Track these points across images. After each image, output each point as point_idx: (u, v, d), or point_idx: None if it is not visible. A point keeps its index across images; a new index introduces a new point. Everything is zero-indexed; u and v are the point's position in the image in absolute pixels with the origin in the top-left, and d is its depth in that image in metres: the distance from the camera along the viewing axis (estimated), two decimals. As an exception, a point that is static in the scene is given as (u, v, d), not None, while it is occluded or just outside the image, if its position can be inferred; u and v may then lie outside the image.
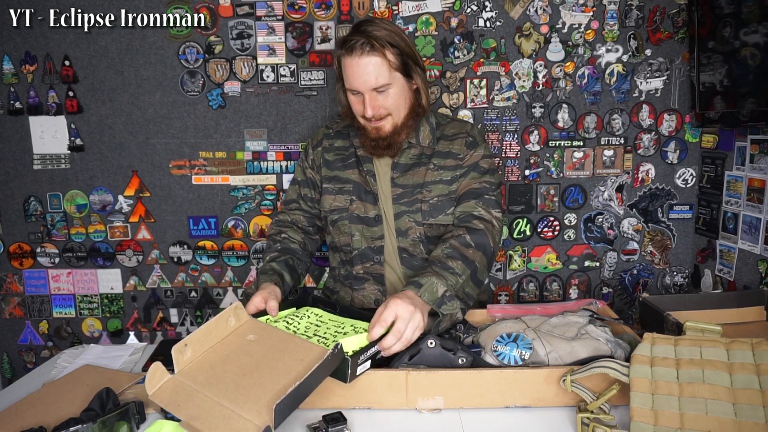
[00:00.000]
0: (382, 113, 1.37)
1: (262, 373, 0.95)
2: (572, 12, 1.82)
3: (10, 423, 1.03)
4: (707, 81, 1.69)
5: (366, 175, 1.46)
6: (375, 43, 1.31)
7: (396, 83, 1.36)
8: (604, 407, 0.98)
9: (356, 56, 1.32)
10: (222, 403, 0.89)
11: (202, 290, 2.02)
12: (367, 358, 1.04)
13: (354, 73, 1.33)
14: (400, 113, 1.40)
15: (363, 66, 1.32)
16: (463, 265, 1.24)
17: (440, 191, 1.41)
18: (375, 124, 1.39)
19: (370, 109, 1.35)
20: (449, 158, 1.44)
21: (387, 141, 1.40)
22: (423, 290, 1.15)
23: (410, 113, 1.42)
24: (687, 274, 1.98)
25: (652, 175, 1.92)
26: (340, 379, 1.00)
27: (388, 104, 1.37)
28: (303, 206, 1.56)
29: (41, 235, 1.97)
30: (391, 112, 1.38)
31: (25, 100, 1.88)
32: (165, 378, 0.93)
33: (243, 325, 1.09)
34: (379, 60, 1.32)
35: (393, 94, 1.36)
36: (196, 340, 1.00)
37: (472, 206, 1.37)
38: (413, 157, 1.46)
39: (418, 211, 1.41)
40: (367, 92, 1.35)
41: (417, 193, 1.42)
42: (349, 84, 1.36)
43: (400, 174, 1.45)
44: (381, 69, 1.33)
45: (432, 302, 1.15)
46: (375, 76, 1.33)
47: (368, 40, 1.31)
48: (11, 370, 2.06)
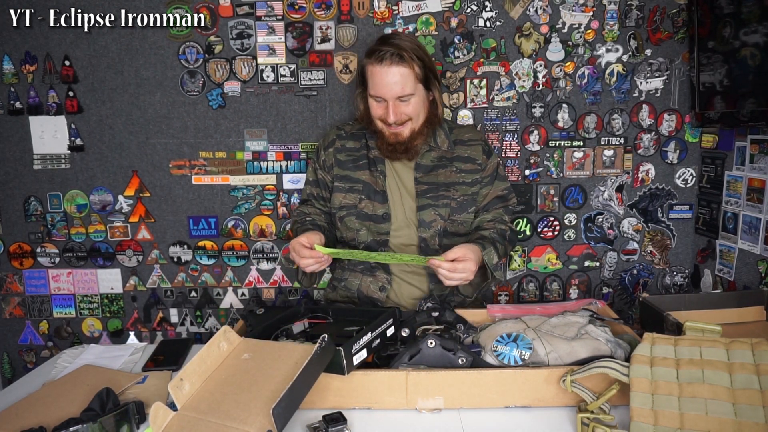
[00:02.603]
0: (403, 119, 1.47)
1: (260, 386, 0.95)
2: (572, 12, 1.82)
3: (10, 423, 1.03)
4: (707, 81, 1.69)
5: (378, 175, 1.55)
6: (405, 54, 1.42)
7: (418, 94, 1.47)
8: (604, 407, 0.98)
9: (386, 65, 1.42)
10: (225, 423, 0.89)
11: (202, 290, 2.02)
12: (362, 346, 1.04)
13: (382, 80, 1.43)
14: (419, 120, 1.51)
15: (392, 75, 1.42)
16: (504, 251, 1.49)
17: (464, 192, 1.54)
18: (395, 130, 1.49)
19: (393, 115, 1.46)
20: (469, 162, 1.57)
21: (404, 145, 1.50)
22: (486, 252, 1.39)
23: (426, 122, 1.53)
24: (687, 274, 1.98)
25: (652, 175, 1.92)
26: (338, 373, 1.00)
27: (409, 111, 1.47)
28: (316, 205, 1.65)
29: (41, 235, 1.97)
30: (411, 118, 1.48)
31: (25, 100, 1.88)
32: (169, 417, 0.93)
33: (237, 347, 1.09)
34: (407, 71, 1.43)
35: (414, 104, 1.47)
36: (191, 372, 1.00)
37: (500, 213, 1.58)
38: (434, 159, 1.56)
39: (445, 206, 1.52)
40: (392, 100, 1.45)
41: (443, 191, 1.53)
42: (375, 91, 1.46)
43: (423, 174, 1.55)
44: (408, 79, 1.43)
45: (489, 263, 1.39)
46: (402, 86, 1.43)
47: (398, 51, 1.42)
48: (11, 370, 2.06)
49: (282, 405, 0.86)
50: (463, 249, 1.33)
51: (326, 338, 0.96)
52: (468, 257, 1.32)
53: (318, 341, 0.96)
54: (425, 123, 1.52)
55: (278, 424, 0.85)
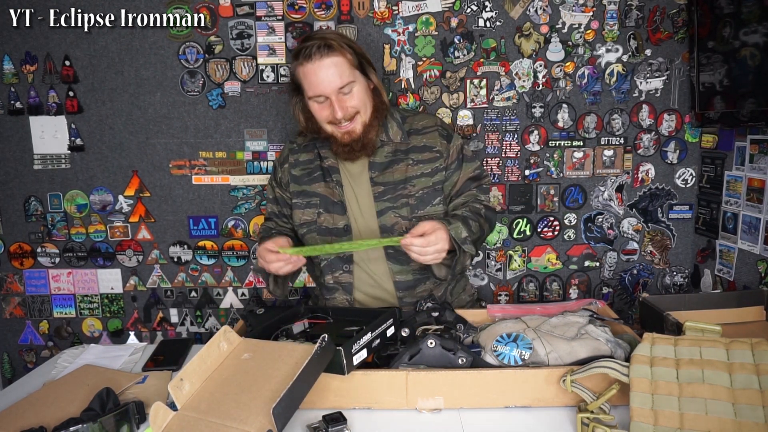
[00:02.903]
0: (351, 112, 1.38)
1: (260, 386, 0.95)
2: (572, 12, 1.82)
3: (10, 423, 1.03)
4: (707, 81, 1.69)
5: (334, 186, 1.46)
6: (332, 43, 1.33)
7: (358, 81, 1.38)
8: (604, 407, 0.98)
9: (316, 60, 1.32)
10: (225, 423, 0.89)
11: (202, 290, 2.02)
12: (362, 346, 1.04)
13: (317, 77, 1.33)
14: (367, 111, 1.41)
15: (326, 68, 1.33)
16: (478, 227, 1.39)
17: (424, 184, 1.44)
18: (345, 128, 1.39)
19: (340, 110, 1.35)
20: (426, 152, 1.46)
21: (361, 141, 1.40)
22: (452, 227, 1.30)
23: (374, 111, 1.43)
24: (687, 274, 1.98)
25: (651, 175, 1.92)
26: (338, 373, 1.00)
27: (355, 103, 1.38)
28: (279, 222, 1.57)
29: (41, 235, 1.97)
30: (359, 110, 1.39)
31: (25, 100, 1.88)
32: (169, 417, 0.93)
33: (237, 347, 1.09)
34: (340, 59, 1.34)
35: (357, 93, 1.38)
36: (191, 372, 1.00)
37: (474, 194, 1.47)
38: (388, 155, 1.47)
39: (404, 206, 1.43)
40: (334, 94, 1.35)
41: (401, 189, 1.43)
42: (313, 90, 1.36)
43: (378, 173, 1.45)
44: (343, 68, 1.34)
45: (456, 238, 1.30)
46: (339, 75, 1.33)
47: (324, 42, 1.33)
48: (11, 370, 2.06)
49: (282, 405, 0.86)
50: (429, 222, 1.26)
51: (326, 338, 0.96)
52: (436, 227, 1.25)
53: (318, 341, 0.96)
54: (374, 113, 1.42)
55: (278, 424, 0.85)
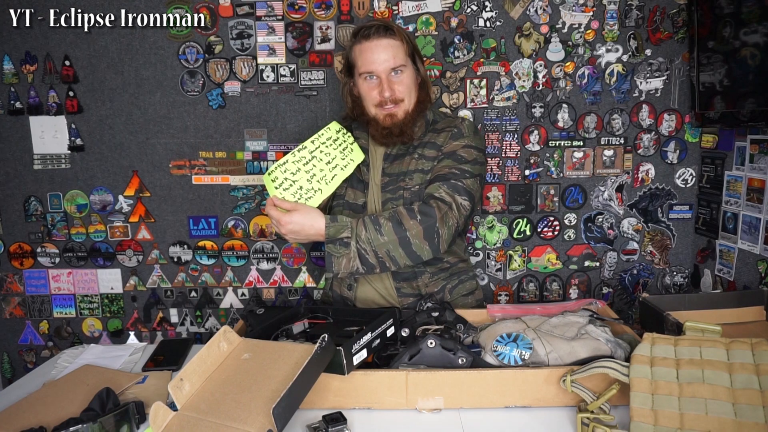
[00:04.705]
0: (398, 96, 1.43)
1: (260, 386, 0.95)
2: (572, 12, 1.82)
3: (10, 423, 1.03)
4: (707, 81, 1.69)
5: (362, 165, 1.51)
6: (392, 27, 1.43)
7: (408, 68, 1.45)
8: (604, 407, 0.98)
9: (374, 39, 1.41)
10: (226, 423, 0.89)
11: (202, 290, 2.02)
12: (362, 346, 1.04)
13: (372, 54, 1.41)
14: (411, 100, 1.46)
15: (383, 47, 1.41)
16: (393, 229, 1.31)
17: (420, 180, 1.46)
18: (389, 110, 1.44)
19: (388, 90, 1.41)
20: (432, 149, 1.48)
21: (399, 128, 1.45)
22: (333, 224, 1.30)
23: (418, 103, 1.48)
24: (687, 274, 1.98)
25: (652, 175, 1.92)
26: (338, 373, 1.00)
27: (402, 89, 1.44)
28: None
29: (41, 235, 1.97)
30: (404, 97, 1.45)
31: (25, 100, 1.88)
32: (169, 417, 0.93)
33: (237, 347, 1.09)
34: (397, 42, 1.42)
35: (406, 79, 1.44)
36: (191, 372, 1.00)
37: (435, 188, 1.39)
38: (402, 148, 1.51)
39: (400, 198, 1.45)
40: (385, 73, 1.42)
41: (400, 181, 1.47)
42: (366, 66, 1.42)
43: (389, 164, 1.51)
44: (398, 50, 1.42)
45: (327, 236, 1.29)
46: (393, 56, 1.41)
47: (385, 25, 1.43)
48: (11, 370, 2.06)
49: (282, 405, 0.86)
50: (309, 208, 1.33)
51: (326, 338, 0.96)
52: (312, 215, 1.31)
53: (318, 341, 0.96)
54: (416, 105, 1.47)
55: (278, 424, 0.85)
